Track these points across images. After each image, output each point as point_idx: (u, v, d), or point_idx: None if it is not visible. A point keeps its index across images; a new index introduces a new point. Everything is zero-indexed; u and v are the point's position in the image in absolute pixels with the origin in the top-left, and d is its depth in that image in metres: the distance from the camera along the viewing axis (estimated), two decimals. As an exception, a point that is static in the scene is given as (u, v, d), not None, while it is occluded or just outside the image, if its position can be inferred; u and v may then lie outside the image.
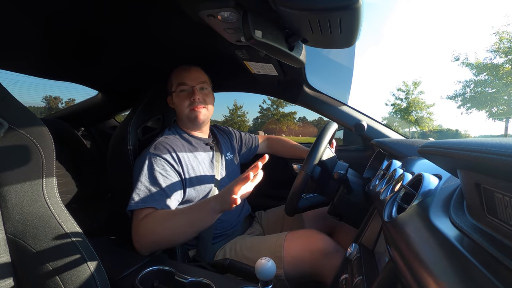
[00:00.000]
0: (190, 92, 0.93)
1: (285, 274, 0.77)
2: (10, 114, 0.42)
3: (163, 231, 0.70)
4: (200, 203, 0.73)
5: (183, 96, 0.93)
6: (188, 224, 0.71)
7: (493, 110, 15.76)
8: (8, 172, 0.41)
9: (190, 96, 0.92)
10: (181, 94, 0.93)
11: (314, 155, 0.80)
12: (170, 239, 0.72)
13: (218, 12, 0.58)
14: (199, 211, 0.71)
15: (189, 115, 0.93)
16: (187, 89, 0.93)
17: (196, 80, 0.94)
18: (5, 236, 0.41)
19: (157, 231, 0.70)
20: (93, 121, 1.55)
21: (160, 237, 0.70)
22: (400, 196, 0.49)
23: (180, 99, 0.93)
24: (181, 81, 0.93)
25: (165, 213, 0.73)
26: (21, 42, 0.81)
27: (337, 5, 0.45)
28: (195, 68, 0.97)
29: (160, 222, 0.71)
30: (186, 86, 0.93)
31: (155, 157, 0.82)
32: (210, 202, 0.71)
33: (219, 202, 0.69)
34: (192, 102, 0.92)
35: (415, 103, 17.70)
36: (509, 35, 14.79)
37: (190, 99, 0.92)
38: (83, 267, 0.46)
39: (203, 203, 0.72)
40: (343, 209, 0.83)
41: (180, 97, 0.93)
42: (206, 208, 0.70)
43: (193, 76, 0.95)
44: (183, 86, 0.93)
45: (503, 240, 0.22)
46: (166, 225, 0.70)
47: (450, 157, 0.28)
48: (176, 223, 0.71)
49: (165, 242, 0.72)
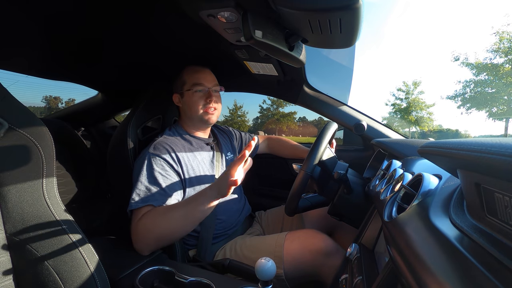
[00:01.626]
0: (205, 93, 0.94)
1: (285, 274, 0.77)
2: (10, 114, 0.42)
3: (162, 226, 0.70)
4: (196, 194, 0.75)
5: (199, 96, 0.94)
6: (186, 216, 0.72)
7: (493, 110, 15.76)
8: (8, 172, 0.41)
9: (205, 97, 0.94)
10: (197, 94, 0.94)
11: (314, 155, 0.80)
12: (170, 233, 0.72)
13: (218, 12, 0.58)
14: (196, 201, 0.72)
15: (202, 116, 0.95)
16: (203, 89, 0.94)
17: (212, 82, 0.97)
18: (5, 236, 0.41)
19: (156, 227, 0.70)
20: (93, 121, 1.55)
21: (160, 233, 0.70)
22: (400, 196, 0.49)
23: (195, 99, 0.94)
24: (198, 81, 0.94)
25: (162, 209, 0.74)
26: (21, 42, 0.81)
27: (337, 5, 0.45)
28: (208, 71, 0.99)
29: (158, 218, 0.71)
30: (203, 87, 0.94)
31: (155, 157, 0.82)
32: (206, 191, 0.72)
33: (215, 189, 0.71)
34: (207, 103, 0.94)
35: (415, 103, 17.70)
36: (509, 35, 14.79)
37: (205, 100, 0.94)
38: (83, 267, 0.46)
39: (199, 193, 0.74)
40: (343, 209, 0.83)
41: (195, 97, 0.94)
42: (203, 197, 0.72)
43: (209, 78, 0.97)
44: (199, 87, 0.94)
45: (503, 240, 0.22)
46: (165, 220, 0.71)
47: (450, 157, 0.28)
48: (174, 216, 0.71)
49: (165, 237, 0.72)
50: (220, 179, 0.71)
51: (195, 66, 0.98)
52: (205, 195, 0.72)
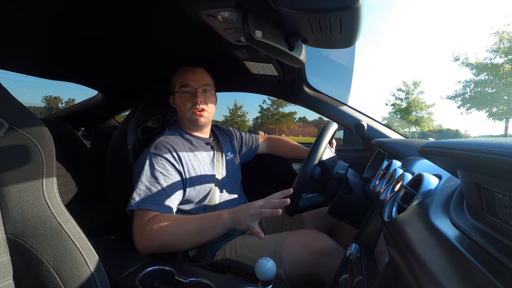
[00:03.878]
0: (192, 94, 0.93)
1: (285, 274, 0.77)
2: (10, 114, 0.42)
3: (171, 237, 0.70)
4: (213, 214, 0.74)
5: (186, 97, 0.93)
6: (197, 233, 0.71)
7: (493, 110, 15.77)
8: (8, 172, 0.41)
9: (192, 98, 0.92)
10: (184, 95, 0.93)
11: (314, 155, 0.80)
12: (176, 245, 0.72)
13: (218, 12, 0.58)
14: (211, 222, 0.72)
15: (191, 118, 0.93)
16: (190, 90, 0.93)
17: (199, 82, 0.94)
18: (5, 236, 0.41)
19: (165, 236, 0.70)
20: (93, 121, 1.55)
21: (167, 242, 0.70)
22: (400, 196, 0.49)
23: (182, 100, 0.93)
24: (184, 82, 0.93)
25: (175, 219, 0.73)
26: (21, 42, 0.81)
27: (337, 5, 0.45)
28: (199, 70, 0.97)
29: (169, 227, 0.71)
30: (189, 88, 0.93)
31: (156, 157, 0.82)
32: (223, 215, 0.71)
33: (234, 220, 0.70)
34: (194, 104, 0.92)
35: (415, 103, 17.70)
36: (509, 35, 14.80)
37: (192, 101, 0.92)
38: (83, 267, 0.46)
39: (217, 215, 0.73)
40: (343, 209, 0.83)
41: (183, 99, 0.93)
42: (219, 221, 0.71)
43: (196, 78, 0.94)
44: (185, 88, 0.93)
45: (503, 240, 0.22)
46: (175, 231, 0.71)
47: (450, 157, 0.28)
48: (185, 230, 0.71)
49: (170, 247, 0.72)
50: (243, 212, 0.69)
51: (186, 67, 0.97)
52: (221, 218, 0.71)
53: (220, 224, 0.71)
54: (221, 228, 0.71)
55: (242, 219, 0.69)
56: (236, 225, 0.70)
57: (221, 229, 0.71)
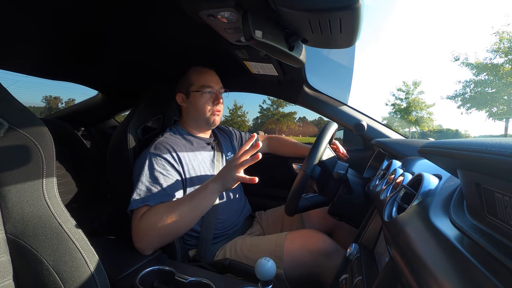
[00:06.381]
0: (213, 95, 0.95)
1: (285, 274, 0.77)
2: (10, 114, 0.42)
3: (164, 224, 0.70)
4: (199, 188, 0.76)
5: (207, 98, 0.95)
6: (191, 211, 0.73)
7: (493, 110, 15.76)
8: (8, 172, 0.41)
9: (213, 99, 0.95)
10: (205, 96, 0.94)
11: (314, 155, 0.80)
12: (172, 230, 0.72)
13: (218, 12, 0.58)
14: (200, 195, 0.74)
15: (209, 118, 0.96)
16: (212, 91, 0.95)
17: (219, 84, 0.98)
18: (5, 236, 0.41)
19: (158, 224, 0.70)
20: (93, 121, 1.55)
21: (162, 230, 0.70)
22: (400, 196, 0.49)
23: (203, 100, 0.94)
24: (207, 83, 0.95)
25: (163, 206, 0.74)
26: (21, 42, 0.81)
27: (337, 5, 0.45)
28: (214, 72, 1.00)
29: (160, 215, 0.71)
30: (211, 89, 0.95)
31: (156, 157, 0.82)
32: (209, 184, 0.74)
33: (219, 183, 0.73)
34: (214, 105, 0.95)
35: (415, 103, 17.69)
36: (509, 35, 14.78)
37: (213, 102, 0.95)
38: (83, 267, 0.46)
39: (203, 187, 0.75)
40: (343, 209, 0.83)
41: (204, 99, 0.94)
42: (207, 190, 0.74)
43: (215, 80, 0.98)
44: (208, 89, 0.94)
45: (503, 240, 0.22)
46: (167, 217, 0.71)
47: (450, 157, 0.28)
48: (177, 212, 0.72)
49: (169, 234, 0.72)
50: (224, 172, 0.73)
51: (202, 67, 0.98)
52: (208, 189, 0.74)
53: (208, 193, 0.74)
54: (211, 196, 0.74)
55: (227, 177, 0.72)
56: (225, 185, 0.73)
57: (211, 197, 0.74)
